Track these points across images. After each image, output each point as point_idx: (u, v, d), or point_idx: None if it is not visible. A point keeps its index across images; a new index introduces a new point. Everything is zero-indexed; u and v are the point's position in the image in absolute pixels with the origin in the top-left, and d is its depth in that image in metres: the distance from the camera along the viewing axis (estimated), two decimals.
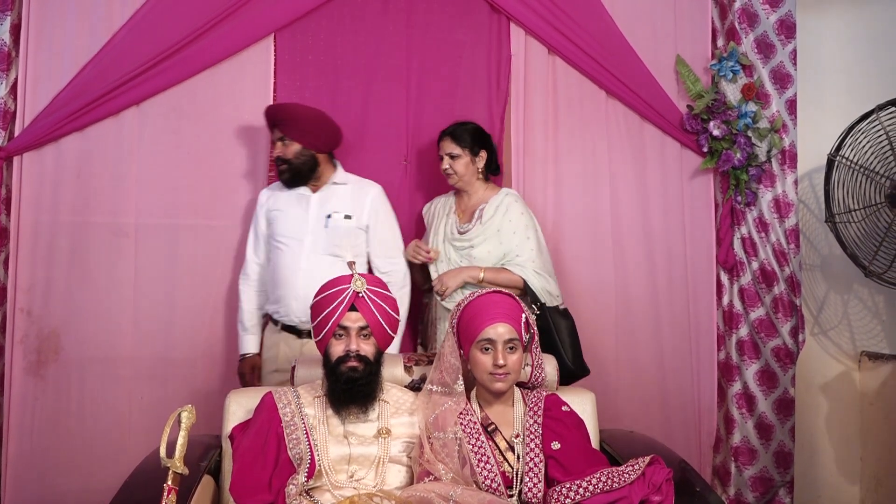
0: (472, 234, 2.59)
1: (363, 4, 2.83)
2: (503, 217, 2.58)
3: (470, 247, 2.58)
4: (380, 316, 1.88)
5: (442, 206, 2.72)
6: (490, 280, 2.50)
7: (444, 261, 2.59)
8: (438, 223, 2.68)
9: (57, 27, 2.68)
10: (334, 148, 2.66)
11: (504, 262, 2.56)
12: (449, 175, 2.62)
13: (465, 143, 2.60)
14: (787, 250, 2.87)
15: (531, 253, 2.56)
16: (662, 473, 1.72)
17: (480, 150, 2.63)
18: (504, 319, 1.85)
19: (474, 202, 2.65)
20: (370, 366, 1.89)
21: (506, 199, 2.62)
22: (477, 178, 2.65)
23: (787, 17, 2.88)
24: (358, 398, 1.88)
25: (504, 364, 1.82)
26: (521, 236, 2.57)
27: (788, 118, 2.88)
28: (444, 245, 2.62)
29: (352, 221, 2.57)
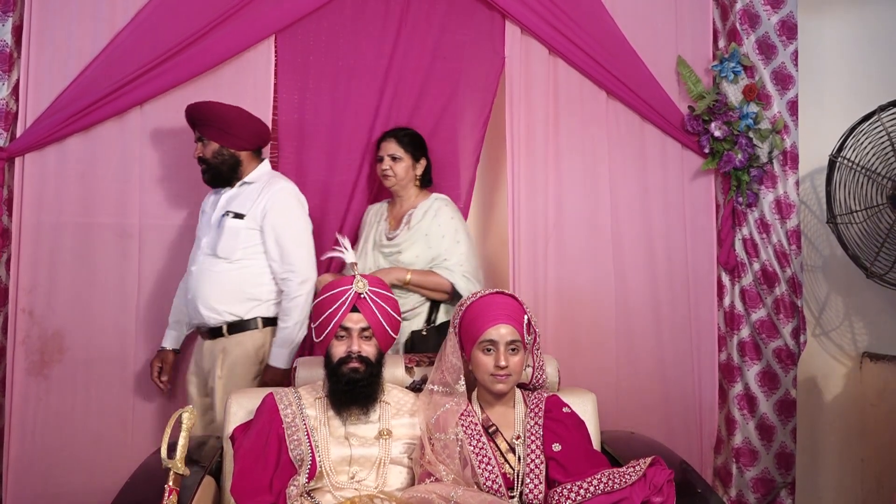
0: (400, 239, 2.57)
1: (363, 5, 2.83)
2: (432, 221, 2.56)
3: (398, 252, 2.55)
4: (381, 317, 1.89)
5: (375, 213, 2.71)
6: (417, 283, 2.50)
7: (371, 269, 2.54)
8: (369, 230, 2.67)
9: (59, 28, 2.68)
10: (260, 146, 2.59)
11: (432, 266, 2.52)
12: (387, 177, 2.60)
13: (407, 147, 2.61)
14: (788, 251, 2.86)
15: (461, 257, 2.54)
16: (664, 474, 1.72)
17: (421, 157, 2.64)
18: (506, 321, 1.85)
19: (405, 208, 2.64)
20: (371, 367, 1.89)
21: (435, 204, 2.61)
22: (413, 184, 2.64)
23: (789, 17, 2.88)
24: (359, 399, 1.88)
25: (506, 366, 1.82)
26: (451, 240, 2.54)
27: (790, 119, 2.88)
28: (372, 252, 2.60)
29: (242, 222, 2.46)
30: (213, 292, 2.45)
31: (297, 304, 2.44)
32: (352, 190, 2.80)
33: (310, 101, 2.79)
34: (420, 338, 2.51)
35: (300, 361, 2.19)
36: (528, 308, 1.92)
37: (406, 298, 2.50)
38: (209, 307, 2.45)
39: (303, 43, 2.79)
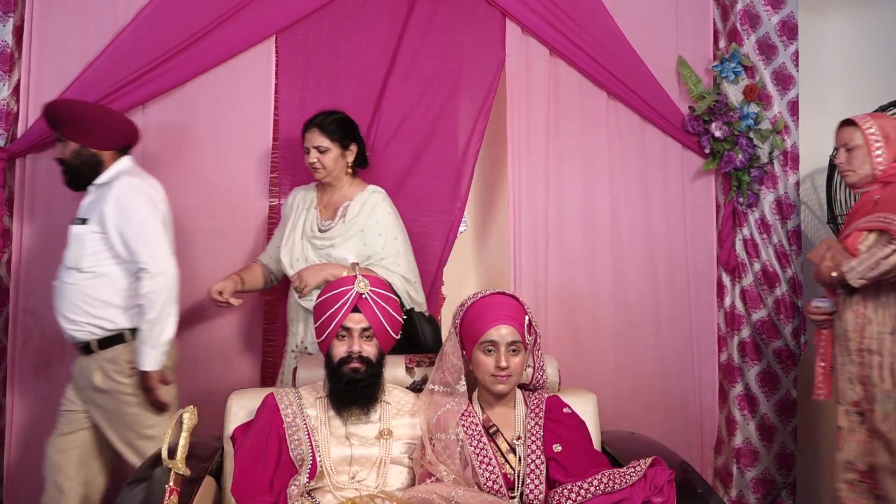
0: (334, 232, 2.45)
1: (364, 5, 2.83)
2: (369, 216, 2.46)
3: (330, 246, 2.44)
4: (382, 317, 1.89)
5: (302, 199, 2.56)
6: None
7: (300, 260, 2.45)
8: (297, 218, 2.53)
9: (59, 29, 2.68)
10: (126, 145, 2.42)
11: (367, 264, 2.42)
12: (316, 170, 2.47)
13: (334, 135, 2.46)
14: (789, 251, 2.87)
15: (397, 256, 2.45)
16: (664, 475, 1.72)
17: (351, 144, 2.50)
18: (507, 321, 1.85)
19: (338, 198, 2.52)
20: (372, 367, 1.89)
21: (372, 197, 2.49)
22: (346, 172, 2.51)
23: (789, 18, 2.88)
24: (360, 399, 1.88)
25: (507, 366, 1.82)
26: (388, 237, 2.45)
27: (790, 119, 2.88)
28: (301, 242, 2.48)
29: (86, 227, 2.30)
30: (68, 305, 2.29)
31: (151, 299, 2.25)
32: None
33: (310, 101, 2.79)
34: None
35: (300, 361, 2.19)
36: (529, 308, 1.92)
37: None
38: (69, 321, 2.29)
39: (303, 43, 2.80)
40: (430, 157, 2.78)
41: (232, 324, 2.72)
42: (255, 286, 2.58)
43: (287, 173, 2.78)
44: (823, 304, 2.33)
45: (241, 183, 2.77)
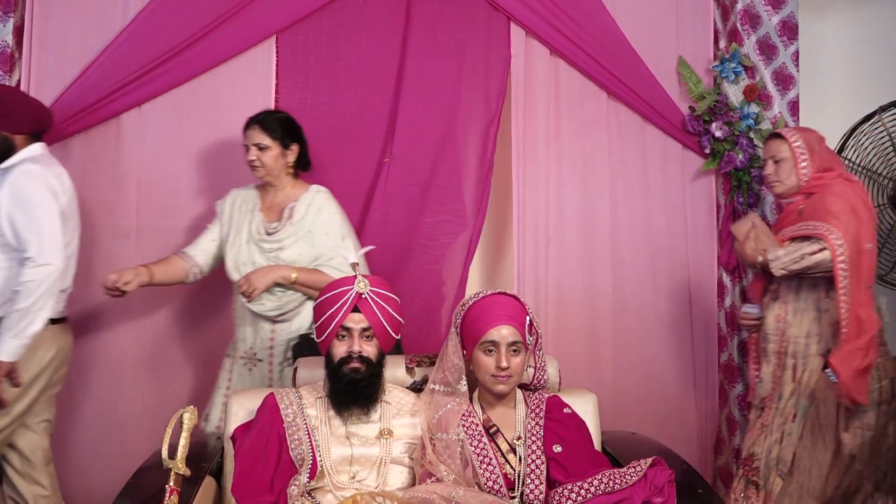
0: (283, 234, 2.41)
1: (364, 5, 2.83)
2: (316, 217, 2.42)
3: (279, 248, 2.40)
4: (382, 317, 1.89)
5: (242, 202, 2.51)
6: (304, 281, 2.36)
7: (247, 264, 2.40)
8: (241, 221, 2.47)
9: (59, 29, 2.68)
10: (38, 129, 2.37)
11: (316, 265, 2.39)
12: (255, 168, 2.43)
13: (275, 133, 2.42)
14: None
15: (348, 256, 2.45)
16: (664, 475, 1.72)
17: (292, 144, 2.46)
18: (508, 322, 1.84)
19: (281, 199, 2.47)
20: (372, 367, 1.89)
21: (318, 197, 2.46)
22: (286, 172, 2.47)
23: (790, 18, 2.88)
24: (360, 399, 1.88)
25: (507, 367, 1.82)
26: (336, 237, 2.41)
27: (791, 119, 2.88)
28: (247, 246, 2.43)
29: None
30: None
31: (30, 288, 2.18)
32: (354, 190, 2.80)
33: (311, 101, 2.79)
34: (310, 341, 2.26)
35: (300, 361, 2.19)
36: (530, 308, 1.92)
37: (287, 298, 2.39)
38: None
39: (304, 43, 2.80)
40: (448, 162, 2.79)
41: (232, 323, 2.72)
42: (170, 280, 2.47)
43: None
44: (752, 311, 2.44)
45: (241, 183, 2.76)
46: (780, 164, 2.37)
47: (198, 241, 2.52)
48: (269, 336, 2.44)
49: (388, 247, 2.80)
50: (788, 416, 2.32)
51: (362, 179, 2.82)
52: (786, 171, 2.36)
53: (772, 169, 2.40)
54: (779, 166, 2.38)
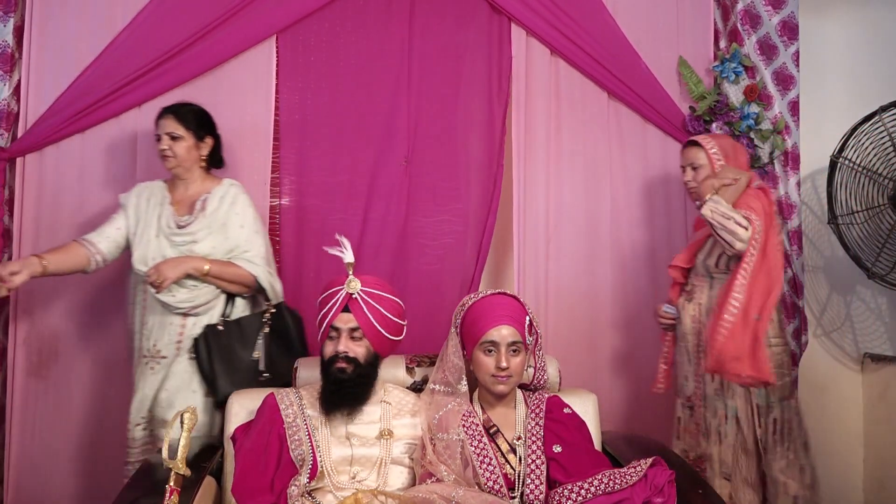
0: (195, 227, 2.34)
1: (365, 5, 2.83)
2: (230, 209, 2.38)
3: (192, 242, 2.32)
4: (373, 318, 1.87)
5: (150, 195, 2.42)
6: (217, 274, 2.30)
7: (157, 258, 2.30)
8: (149, 216, 2.38)
9: (59, 29, 2.69)
10: None
11: (230, 257, 2.34)
12: (166, 158, 2.36)
13: (189, 124, 2.37)
14: (789, 252, 2.86)
15: (260, 248, 2.38)
16: (665, 475, 1.72)
17: (206, 136, 2.41)
18: (508, 322, 1.85)
19: (192, 193, 2.42)
20: (359, 367, 1.88)
21: (231, 190, 2.41)
22: (199, 165, 2.41)
23: (790, 18, 2.88)
24: (346, 399, 1.87)
25: (507, 367, 1.82)
26: (250, 230, 2.38)
27: (791, 120, 2.88)
28: (157, 240, 2.34)
29: None
30: None
31: None
32: (353, 190, 2.80)
33: (311, 101, 2.79)
34: (216, 333, 2.32)
35: (301, 362, 2.19)
36: (530, 309, 1.92)
37: (199, 291, 2.31)
38: None
39: (304, 43, 2.80)
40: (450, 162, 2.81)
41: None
42: (69, 269, 2.33)
43: (288, 173, 2.78)
44: (670, 311, 2.53)
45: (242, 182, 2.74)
46: (698, 170, 2.46)
47: (102, 229, 2.40)
48: (178, 331, 2.34)
49: (388, 246, 2.80)
50: (721, 418, 2.41)
51: (362, 179, 2.81)
52: (703, 176, 2.43)
53: (691, 175, 2.47)
54: (697, 173, 2.46)
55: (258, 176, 2.76)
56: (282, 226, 2.78)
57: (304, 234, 2.78)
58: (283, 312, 2.41)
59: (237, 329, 2.35)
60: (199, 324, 2.34)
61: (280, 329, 2.39)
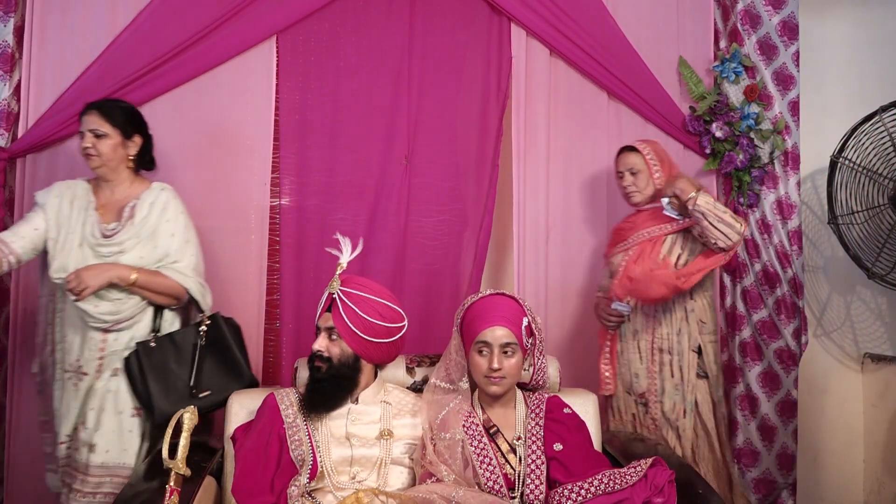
0: (122, 236, 2.19)
1: (365, 5, 2.83)
2: (160, 216, 2.23)
3: (119, 252, 2.17)
4: (348, 319, 1.86)
5: (73, 198, 2.24)
6: (144, 284, 2.15)
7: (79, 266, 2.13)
8: (73, 222, 2.21)
9: (60, 29, 2.68)
10: None
11: (159, 267, 2.21)
12: (90, 157, 2.20)
13: (115, 120, 2.21)
14: (789, 252, 2.86)
15: (191, 259, 2.26)
16: (664, 475, 1.72)
17: (135, 135, 2.25)
18: (502, 323, 1.84)
19: (119, 197, 2.26)
20: (332, 368, 1.87)
21: (162, 196, 2.26)
22: (126, 166, 2.25)
23: (790, 18, 2.88)
24: (320, 399, 1.87)
25: (499, 368, 1.82)
26: (181, 239, 2.25)
27: (791, 120, 2.88)
28: (80, 250, 2.18)
29: None
30: None
31: None
32: (353, 190, 2.80)
33: (311, 101, 2.79)
34: (148, 350, 2.18)
35: (300, 362, 2.19)
36: (530, 310, 1.91)
37: (124, 304, 2.17)
38: None
39: (304, 43, 2.79)
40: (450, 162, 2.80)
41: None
42: None
43: (288, 173, 2.78)
44: (624, 309, 2.51)
45: (242, 183, 2.76)
46: (637, 175, 2.55)
47: (17, 229, 2.21)
48: (98, 347, 2.19)
49: (388, 246, 2.80)
50: (679, 413, 2.47)
51: (362, 179, 2.81)
52: (643, 181, 2.54)
53: (630, 180, 2.56)
54: (637, 177, 2.55)
55: (258, 176, 2.76)
56: (282, 226, 2.78)
57: (304, 234, 2.78)
58: (219, 324, 2.27)
59: (171, 344, 2.22)
60: (122, 339, 2.20)
61: (217, 342, 2.25)
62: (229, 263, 2.72)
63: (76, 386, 2.20)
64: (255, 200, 2.75)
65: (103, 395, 2.18)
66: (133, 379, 2.17)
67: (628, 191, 2.57)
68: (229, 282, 2.72)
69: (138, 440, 2.21)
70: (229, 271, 2.73)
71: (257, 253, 2.73)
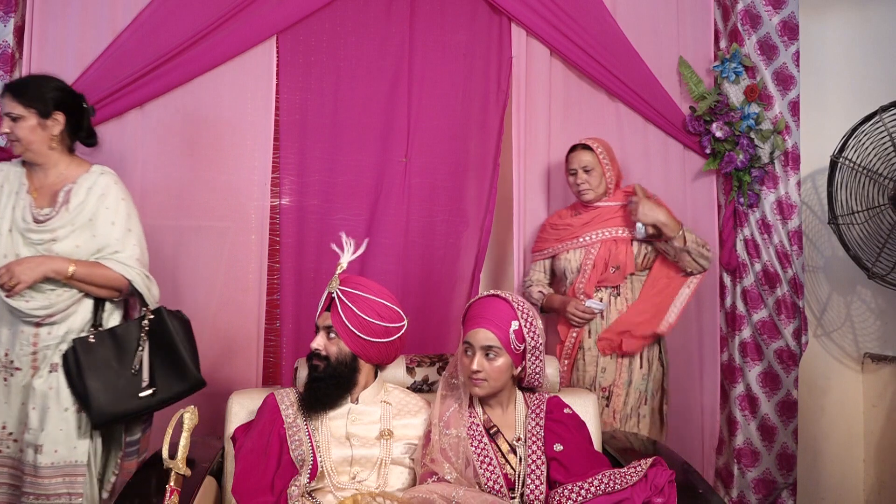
0: (56, 222, 2.04)
1: (365, 5, 2.83)
2: (99, 203, 2.09)
3: (52, 240, 2.03)
4: (346, 318, 1.86)
5: (4, 179, 2.11)
6: (82, 277, 2.02)
7: (8, 257, 2.01)
8: (3, 205, 2.07)
9: (60, 29, 2.68)
10: None
11: (98, 257, 2.07)
12: (12, 143, 2.07)
13: (29, 100, 2.04)
14: (789, 252, 2.86)
15: (134, 249, 2.12)
16: (665, 475, 1.72)
17: (55, 112, 2.07)
18: (485, 325, 1.83)
19: (55, 180, 2.11)
20: (329, 367, 1.87)
21: (101, 180, 2.12)
22: (50, 147, 2.09)
23: (790, 18, 2.88)
24: (318, 398, 1.87)
25: (478, 370, 1.81)
26: (122, 228, 2.10)
27: (791, 120, 2.88)
28: (10, 236, 2.04)
29: None
30: None
31: None
32: (353, 191, 2.80)
33: (312, 101, 2.79)
34: (87, 346, 2.05)
35: (301, 362, 2.19)
36: (528, 313, 1.87)
37: (57, 296, 2.04)
38: None
39: (305, 43, 2.79)
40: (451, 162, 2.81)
41: (233, 324, 2.72)
42: None
43: (288, 173, 2.78)
44: (599, 307, 2.52)
45: (242, 183, 2.76)
46: (590, 172, 2.58)
47: None
48: (31, 342, 2.06)
49: (388, 246, 2.80)
50: (641, 400, 2.55)
51: (363, 179, 2.81)
52: (596, 179, 2.58)
53: (584, 178, 2.58)
54: (590, 175, 2.58)
55: (258, 176, 2.76)
56: (282, 226, 2.78)
57: (304, 234, 2.78)
58: (163, 318, 2.14)
59: (112, 340, 2.09)
60: (56, 333, 2.07)
61: (162, 337, 2.13)
62: (229, 263, 2.72)
63: (6, 381, 2.07)
64: (256, 200, 2.75)
65: (44, 394, 2.04)
66: (70, 376, 2.04)
67: (582, 188, 2.59)
68: (229, 282, 2.73)
69: (88, 436, 2.08)
70: (229, 271, 2.73)
71: (257, 253, 2.73)
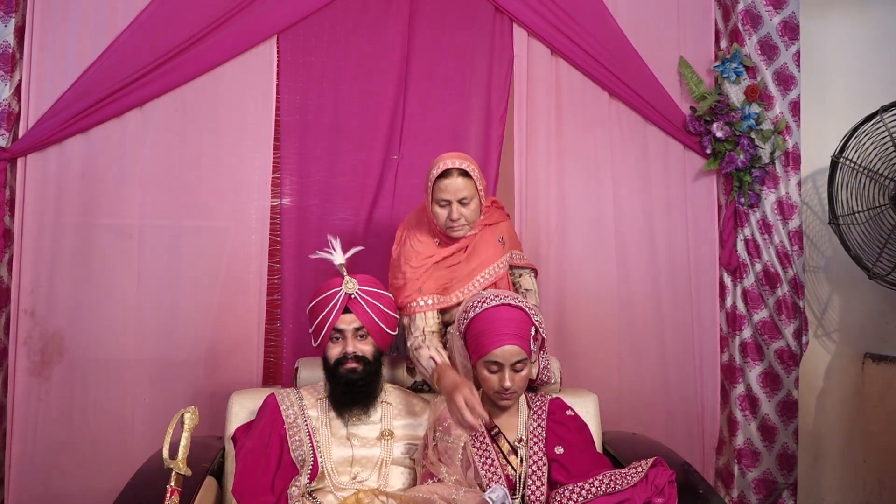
0: None
1: (365, 5, 2.83)
2: None
3: None
4: (375, 315, 1.87)
5: None
6: None
7: None
8: None
9: (60, 29, 2.68)
10: None
11: None
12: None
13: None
14: (790, 252, 2.86)
15: None
16: (665, 475, 1.72)
17: None
18: (512, 341, 1.80)
19: None
20: (369, 365, 1.88)
21: None
22: None
23: (791, 18, 2.88)
24: (359, 399, 1.88)
25: (510, 386, 1.80)
26: None
27: (792, 120, 2.88)
28: None
29: None
30: None
31: None
32: (354, 191, 2.80)
33: (312, 101, 2.79)
34: None
35: (301, 362, 2.19)
36: (535, 314, 1.88)
37: None
38: None
39: (305, 43, 2.79)
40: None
41: (233, 324, 2.72)
42: None
43: (289, 173, 2.78)
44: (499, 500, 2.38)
45: (242, 183, 2.76)
46: (468, 205, 2.04)
47: None
48: None
49: (389, 246, 2.79)
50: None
51: (363, 179, 2.81)
52: (473, 211, 2.06)
53: (459, 213, 2.03)
54: (467, 207, 2.04)
55: (258, 176, 2.75)
56: (282, 226, 2.78)
57: (304, 234, 2.78)
58: None
59: None
60: None
61: None
62: (230, 263, 2.72)
63: None
64: (256, 200, 2.75)
65: None
66: None
67: (456, 225, 2.04)
68: (230, 282, 2.72)
69: None
70: (230, 271, 2.73)
71: (258, 253, 2.73)
